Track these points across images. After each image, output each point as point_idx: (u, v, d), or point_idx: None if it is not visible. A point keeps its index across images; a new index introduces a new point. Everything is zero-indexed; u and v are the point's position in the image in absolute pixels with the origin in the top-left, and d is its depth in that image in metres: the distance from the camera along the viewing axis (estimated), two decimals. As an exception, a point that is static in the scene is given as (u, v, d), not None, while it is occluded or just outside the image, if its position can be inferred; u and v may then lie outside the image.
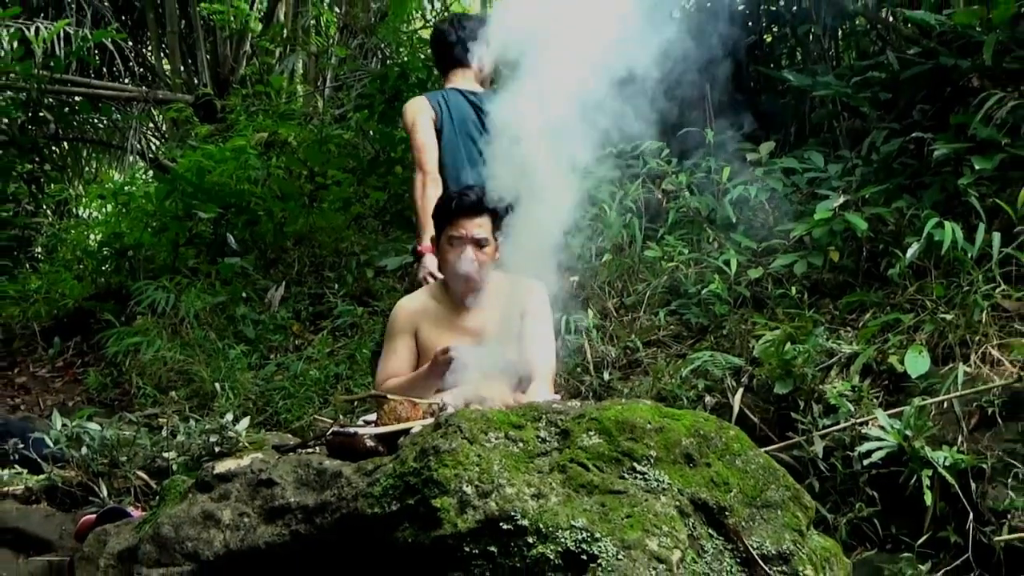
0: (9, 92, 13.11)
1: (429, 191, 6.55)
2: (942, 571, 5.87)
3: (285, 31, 14.95)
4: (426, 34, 14.60)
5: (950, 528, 5.90)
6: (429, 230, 6.21)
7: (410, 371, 5.53)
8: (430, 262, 6.40)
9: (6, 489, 6.26)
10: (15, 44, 12.61)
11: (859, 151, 8.09)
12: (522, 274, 5.37)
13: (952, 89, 7.82)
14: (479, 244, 5.38)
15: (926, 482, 5.84)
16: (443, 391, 5.27)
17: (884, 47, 8.58)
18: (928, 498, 5.83)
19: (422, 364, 5.56)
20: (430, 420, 4.47)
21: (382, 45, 13.66)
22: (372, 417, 4.87)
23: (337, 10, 15.09)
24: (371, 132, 11.26)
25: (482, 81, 7.03)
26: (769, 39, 9.67)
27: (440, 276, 6.08)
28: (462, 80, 6.96)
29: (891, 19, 8.51)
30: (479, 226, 5.40)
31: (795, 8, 9.46)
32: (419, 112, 6.79)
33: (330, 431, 4.74)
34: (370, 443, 4.54)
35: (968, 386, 6.23)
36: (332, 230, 7.90)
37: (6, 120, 13.35)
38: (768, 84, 8.69)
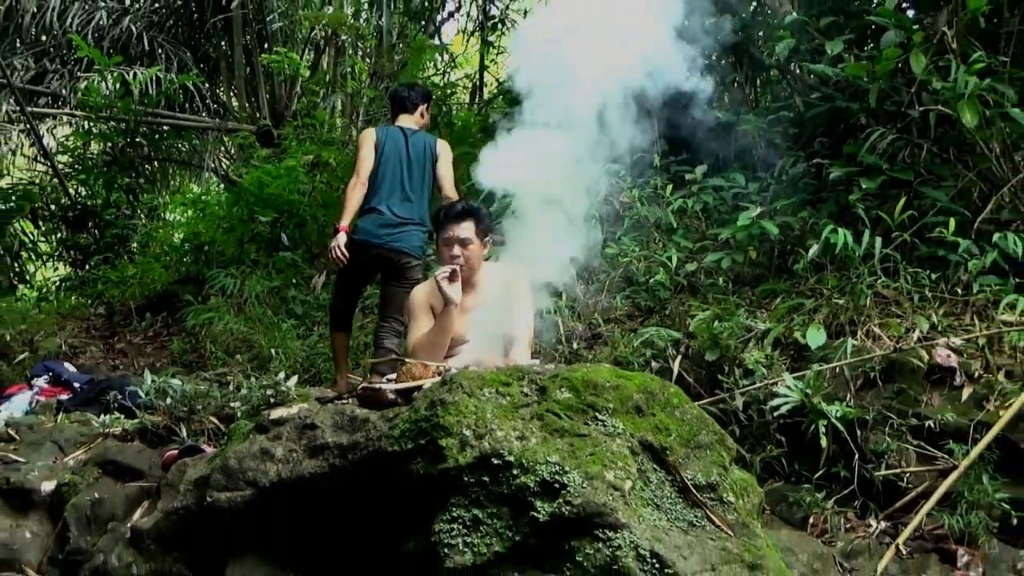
0: (113, 122, 13.07)
1: (356, 190, 7.45)
2: (834, 499, 5.91)
3: (327, 77, 14.91)
4: (437, 79, 14.62)
5: (840, 465, 5.94)
6: (348, 216, 7.41)
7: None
8: (341, 238, 7.30)
9: (108, 430, 6.26)
10: (117, 85, 12.61)
11: (772, 173, 8.09)
12: (511, 264, 5.44)
13: (845, 125, 7.82)
14: (463, 243, 5.48)
15: (822, 430, 5.86)
16: (450, 357, 5.31)
17: (792, 93, 8.58)
18: (824, 442, 5.85)
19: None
20: (438, 379, 4.47)
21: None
22: (393, 376, 4.86)
23: (368, 61, 15.04)
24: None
25: (422, 126, 7.83)
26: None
27: (344, 250, 7.29)
28: (404, 121, 7.75)
29: (798, 71, 8.50)
30: (463, 229, 5.50)
31: (723, 62, 9.46)
32: (366, 138, 7.66)
33: (360, 386, 4.74)
34: (391, 396, 4.54)
35: (855, 355, 6.25)
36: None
37: (110, 144, 13.32)
38: (703, 121, 8.68)
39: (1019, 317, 6.34)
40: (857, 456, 5.92)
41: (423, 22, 15.30)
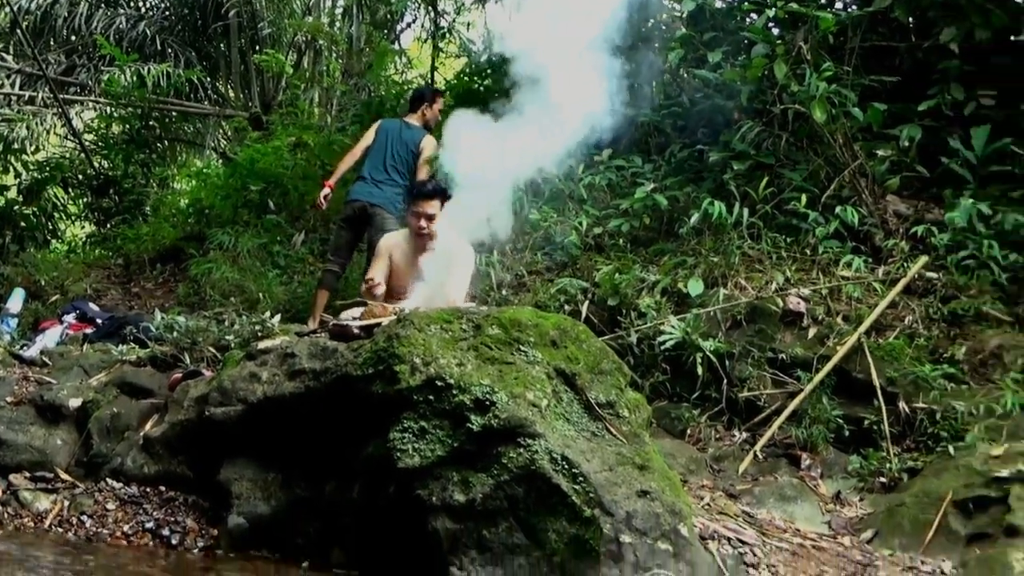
0: (130, 108, 12.89)
1: (346, 158, 8.11)
2: (706, 415, 6.00)
3: (307, 74, 14.76)
4: (396, 78, 14.48)
5: (712, 388, 6.03)
6: (334, 175, 8.05)
7: (383, 280, 5.63)
8: (324, 190, 7.94)
9: (125, 358, 6.18)
10: (134, 78, 12.42)
11: (663, 156, 8.12)
12: (458, 234, 5.46)
13: (721, 119, 7.85)
14: (430, 218, 5.54)
15: (698, 360, 5.94)
16: (403, 300, 5.30)
17: (681, 92, 8.59)
18: (699, 370, 5.93)
19: (392, 278, 5.70)
20: (394, 317, 4.47)
21: (368, 84, 13.52)
22: (357, 313, 4.85)
23: (340, 61, 14.90)
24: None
25: (425, 124, 7.93)
26: (610, 85, 9.63)
27: (324, 203, 7.99)
28: (409, 118, 8.00)
29: (685, 75, 8.51)
30: (432, 206, 5.55)
31: (627, 68, 9.43)
32: (372, 125, 8.17)
33: (331, 323, 4.73)
34: (356, 331, 4.54)
35: (726, 302, 6.32)
36: (335, 199, 7.93)
37: (128, 126, 13.15)
38: (610, 114, 8.67)
39: (854, 273, 6.45)
40: (725, 381, 6.01)
41: (385, 30, 15.20)
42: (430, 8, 14.35)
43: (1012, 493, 4.44)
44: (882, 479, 5.39)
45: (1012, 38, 7.33)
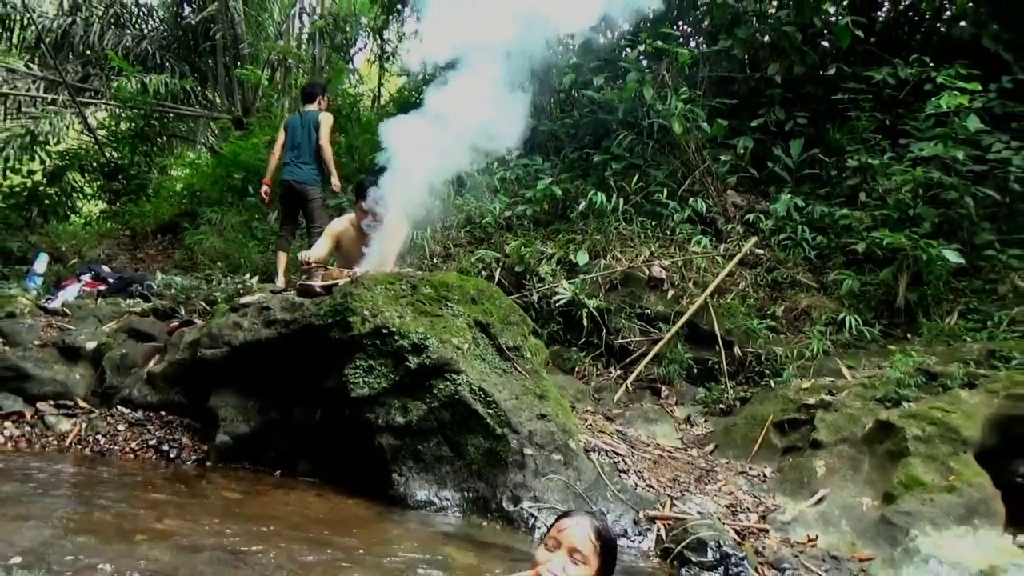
0: (135, 110, 12.43)
1: (271, 157, 7.68)
2: (590, 356, 6.04)
3: (279, 86, 14.44)
4: (351, 91, 14.20)
5: (595, 336, 6.05)
6: (267, 173, 7.67)
7: (328, 256, 5.48)
8: (264, 188, 7.63)
9: (131, 310, 5.98)
10: (139, 85, 12.00)
11: (559, 157, 8.11)
12: (394, 212, 5.29)
13: (604, 129, 7.86)
14: (375, 214, 5.27)
15: (584, 315, 5.97)
16: (357, 266, 5.19)
17: (572, 107, 8.57)
18: (585, 322, 5.96)
19: (342, 255, 5.54)
20: (349, 279, 4.40)
21: (328, 95, 13.25)
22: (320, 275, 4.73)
23: (305, 76, 14.56)
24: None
25: (322, 108, 7.63)
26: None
27: (267, 197, 7.69)
28: (308, 107, 7.57)
29: (576, 94, 8.47)
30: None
31: (532, 86, 9.36)
32: (282, 125, 7.77)
33: (298, 283, 4.63)
34: (319, 289, 4.46)
35: (605, 269, 6.35)
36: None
37: (134, 124, 12.73)
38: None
39: (702, 249, 6.54)
40: (605, 331, 6.06)
41: (342, 53, 14.95)
42: (378, 36, 14.23)
43: (816, 416, 4.58)
44: (721, 406, 5.53)
45: (821, 72, 7.48)
